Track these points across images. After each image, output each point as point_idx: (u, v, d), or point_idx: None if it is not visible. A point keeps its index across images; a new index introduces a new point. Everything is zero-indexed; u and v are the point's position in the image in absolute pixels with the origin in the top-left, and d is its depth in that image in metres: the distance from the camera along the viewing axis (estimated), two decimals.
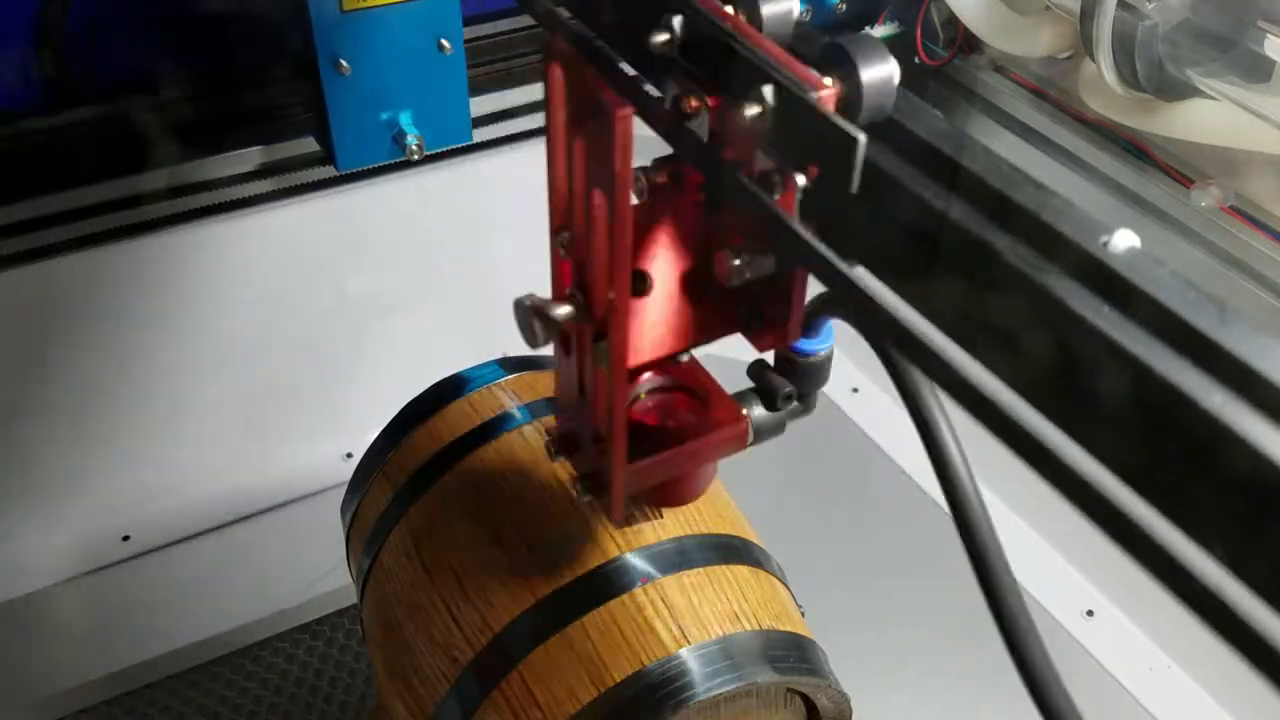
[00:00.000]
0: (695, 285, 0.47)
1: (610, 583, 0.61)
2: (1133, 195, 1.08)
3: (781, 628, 0.63)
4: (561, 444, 0.53)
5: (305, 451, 1.17)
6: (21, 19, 0.90)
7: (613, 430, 0.48)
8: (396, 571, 0.68)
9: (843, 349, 0.51)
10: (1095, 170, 1.12)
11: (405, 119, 0.97)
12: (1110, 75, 0.96)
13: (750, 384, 0.55)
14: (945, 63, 1.23)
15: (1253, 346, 0.27)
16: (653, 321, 0.47)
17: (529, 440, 0.69)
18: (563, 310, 0.46)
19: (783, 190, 0.38)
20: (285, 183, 1.06)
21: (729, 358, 0.54)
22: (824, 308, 0.49)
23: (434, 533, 0.67)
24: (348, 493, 0.76)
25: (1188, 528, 0.27)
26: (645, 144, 0.44)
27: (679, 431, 0.52)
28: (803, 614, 0.68)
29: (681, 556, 0.63)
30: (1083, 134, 1.13)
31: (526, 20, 1.09)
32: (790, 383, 0.53)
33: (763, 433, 0.54)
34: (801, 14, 1.18)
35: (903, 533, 1.13)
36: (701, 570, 0.63)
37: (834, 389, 1.27)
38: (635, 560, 0.62)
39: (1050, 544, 1.13)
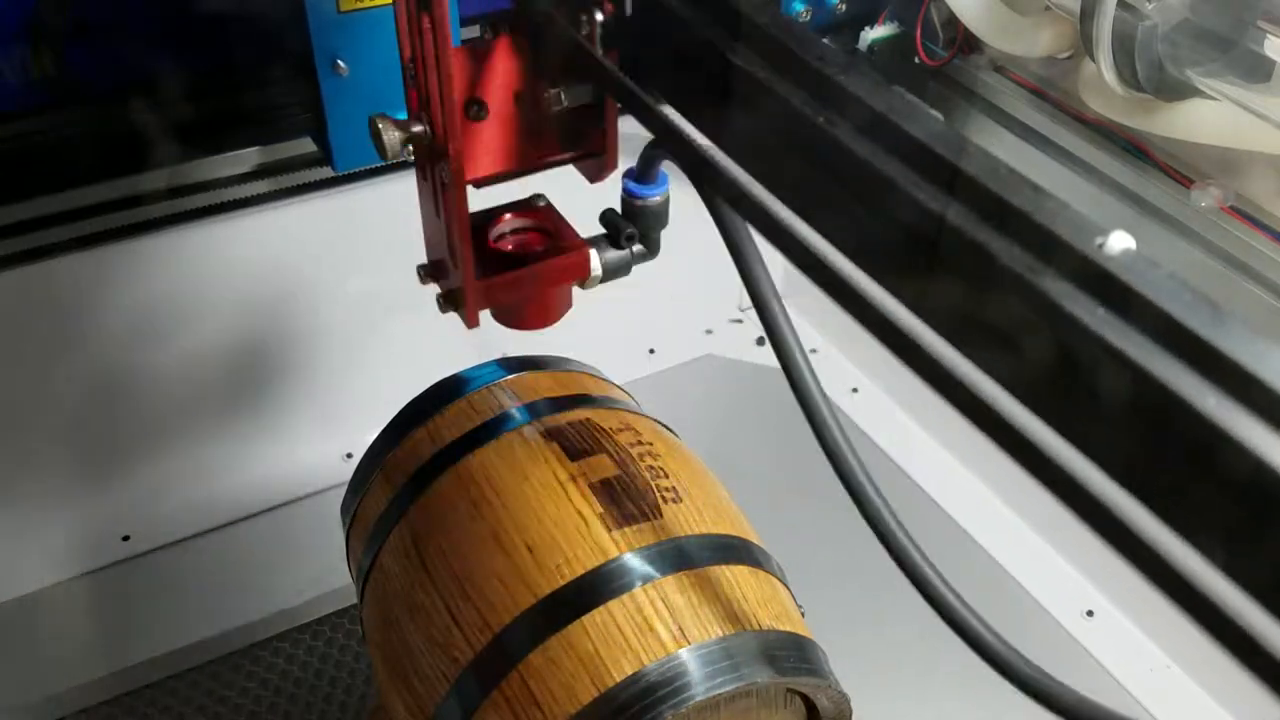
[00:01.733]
0: (526, 114, 0.56)
1: (610, 583, 0.61)
2: (1133, 195, 1.08)
3: (781, 628, 0.63)
4: (430, 270, 0.65)
5: (305, 451, 1.17)
6: (20, 19, 0.90)
7: (461, 243, 0.56)
8: (396, 571, 0.68)
9: (843, 350, 0.51)
10: (1095, 170, 1.12)
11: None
12: (1110, 75, 0.96)
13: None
14: (945, 63, 1.23)
15: (1248, 348, 0.26)
16: (488, 143, 0.56)
17: (529, 440, 0.69)
18: (413, 125, 0.56)
19: (588, 26, 0.45)
20: (283, 183, 1.06)
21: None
22: (653, 152, 0.57)
23: (434, 533, 0.67)
24: (348, 493, 0.76)
25: (1181, 530, 0.27)
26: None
27: (527, 255, 0.62)
28: (803, 614, 0.68)
29: (681, 556, 0.63)
30: (1083, 134, 1.13)
31: None
32: (632, 224, 0.61)
33: (609, 269, 0.62)
34: (801, 13, 1.19)
35: None
36: (701, 570, 0.63)
37: (834, 389, 1.27)
38: (635, 560, 0.62)
39: (1050, 544, 1.13)
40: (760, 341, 1.33)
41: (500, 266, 0.61)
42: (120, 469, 1.10)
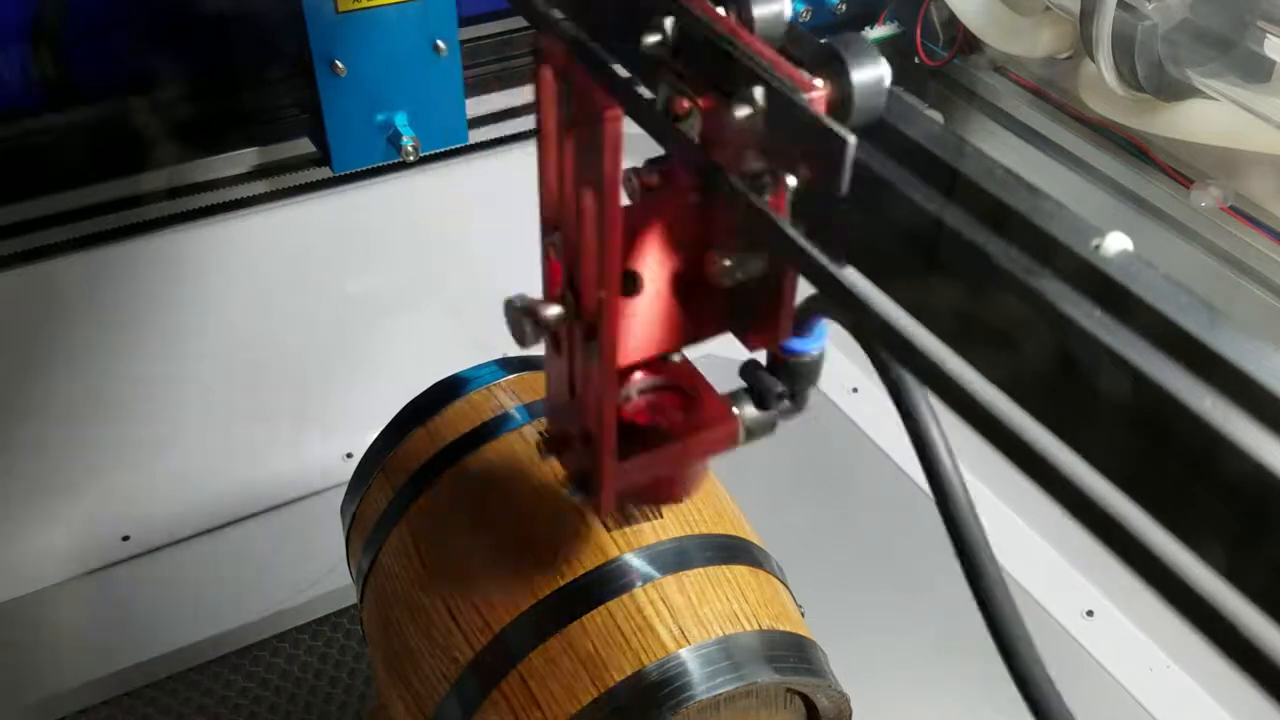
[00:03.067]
0: (686, 285, 0.48)
1: (610, 583, 0.61)
2: (1133, 195, 1.08)
3: (781, 628, 0.63)
4: (552, 443, 0.54)
5: (305, 451, 1.17)
6: (20, 19, 0.90)
7: (602, 429, 0.48)
8: (396, 571, 0.68)
9: (842, 349, 0.51)
10: (1095, 170, 1.12)
11: (401, 120, 0.97)
12: (1110, 75, 0.96)
13: (742, 383, 0.55)
14: (945, 63, 1.23)
15: (1243, 350, 0.26)
16: (643, 321, 0.48)
17: (529, 440, 0.69)
18: (553, 311, 0.46)
19: (773, 191, 0.38)
20: (282, 184, 1.06)
21: (726, 357, 0.55)
22: (814, 308, 0.50)
23: (434, 533, 0.67)
24: (348, 493, 0.76)
25: (1177, 531, 0.27)
26: (640, 143, 0.44)
27: (668, 430, 0.52)
28: (803, 614, 0.68)
29: (681, 556, 0.63)
30: (1083, 134, 1.13)
31: (522, 21, 1.09)
32: (781, 382, 0.53)
33: (754, 432, 0.54)
34: (801, 14, 1.19)
35: (902, 533, 1.13)
36: (701, 570, 0.63)
37: (834, 389, 1.27)
38: (635, 560, 0.62)
39: (1050, 544, 1.13)
40: None
41: (637, 443, 0.51)
42: (120, 469, 1.10)
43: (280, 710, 1.00)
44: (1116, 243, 0.29)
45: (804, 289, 0.46)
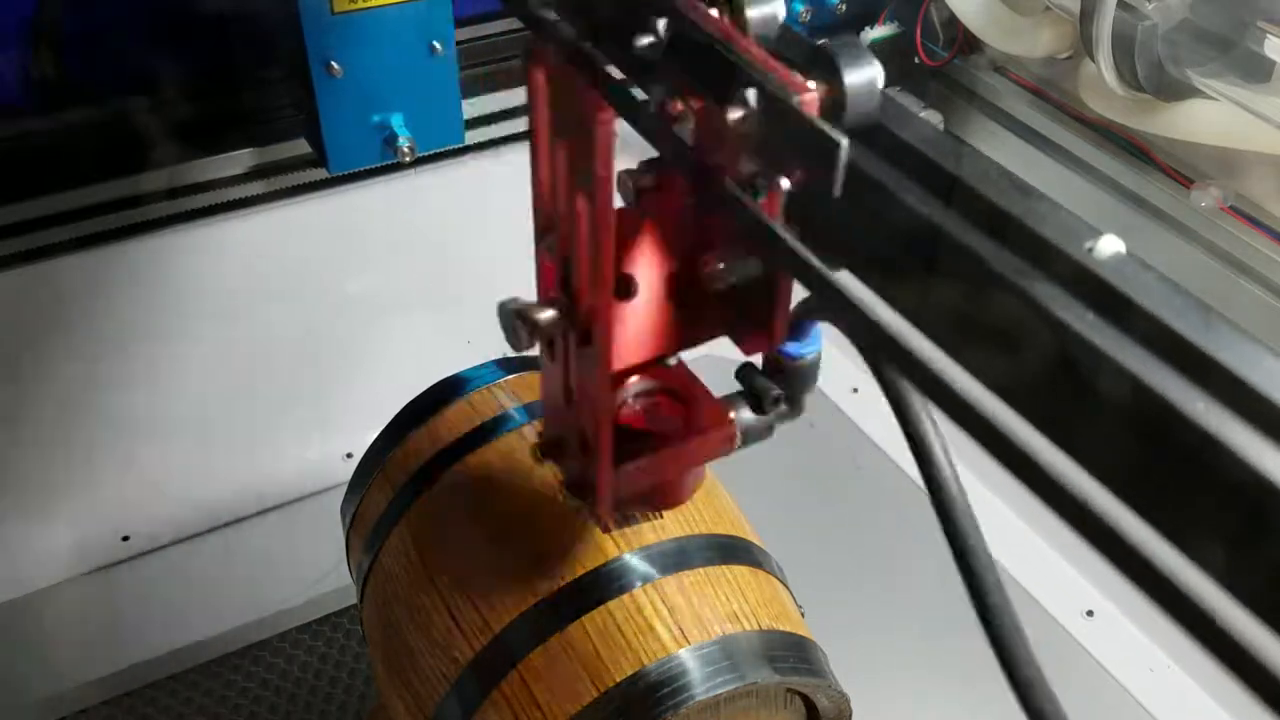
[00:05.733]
0: (681, 289, 0.47)
1: (610, 583, 0.61)
2: (1133, 195, 1.08)
3: (781, 628, 0.63)
4: (548, 448, 0.53)
5: (305, 451, 1.17)
6: (19, 19, 0.90)
7: (598, 435, 0.48)
8: (396, 572, 0.68)
9: (842, 350, 0.51)
10: (1095, 170, 1.12)
11: (397, 121, 0.97)
12: (1110, 75, 0.96)
13: (738, 387, 0.55)
14: (945, 63, 1.23)
15: (1238, 353, 0.26)
16: (638, 325, 0.47)
17: (528, 441, 0.69)
18: (546, 314, 0.46)
19: (766, 194, 0.38)
20: (279, 184, 1.06)
21: (719, 355, 0.55)
22: (809, 312, 0.49)
23: (434, 533, 0.67)
24: (348, 493, 0.76)
25: (1171, 536, 0.27)
26: (640, 148, 0.44)
27: (665, 435, 0.52)
28: (803, 614, 0.68)
29: (681, 556, 0.63)
30: (1083, 134, 1.13)
31: (518, 22, 1.09)
32: (778, 386, 0.53)
33: (750, 435, 0.54)
34: (801, 14, 1.19)
35: (903, 533, 1.13)
36: (701, 570, 0.63)
37: (834, 389, 1.27)
38: (635, 560, 0.62)
39: (1050, 544, 1.13)
40: None
41: (634, 447, 0.50)
42: (120, 469, 1.10)
43: (280, 710, 1.00)
44: (1110, 245, 0.29)
45: (802, 293, 0.46)
